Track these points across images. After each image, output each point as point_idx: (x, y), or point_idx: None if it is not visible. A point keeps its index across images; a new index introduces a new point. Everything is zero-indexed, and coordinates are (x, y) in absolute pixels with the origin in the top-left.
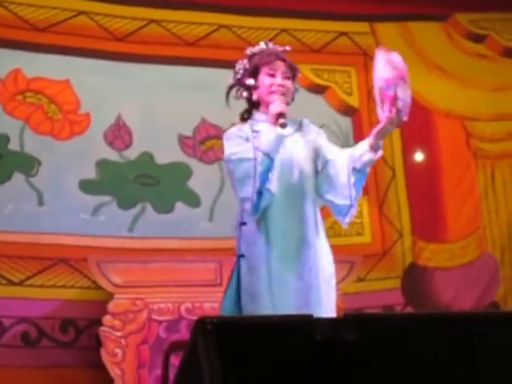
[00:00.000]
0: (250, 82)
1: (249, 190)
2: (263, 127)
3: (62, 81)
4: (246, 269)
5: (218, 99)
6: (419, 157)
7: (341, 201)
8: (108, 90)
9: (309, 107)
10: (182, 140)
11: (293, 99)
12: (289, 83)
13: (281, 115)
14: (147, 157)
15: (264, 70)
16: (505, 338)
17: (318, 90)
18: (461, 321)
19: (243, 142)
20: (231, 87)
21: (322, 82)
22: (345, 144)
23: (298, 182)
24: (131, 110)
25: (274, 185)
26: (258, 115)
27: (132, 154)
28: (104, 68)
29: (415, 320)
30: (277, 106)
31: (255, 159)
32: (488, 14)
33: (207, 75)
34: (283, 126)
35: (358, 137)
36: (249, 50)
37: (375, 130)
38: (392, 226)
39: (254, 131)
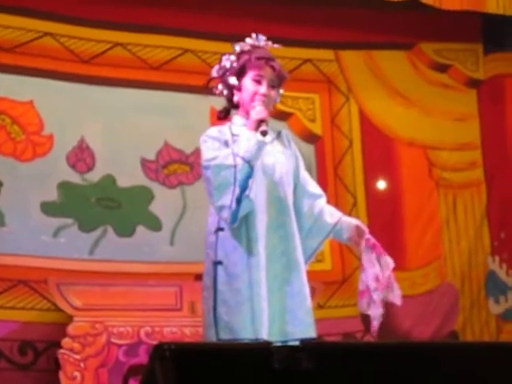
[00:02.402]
0: (234, 82)
1: (227, 199)
2: (242, 131)
3: (25, 102)
4: (225, 277)
5: (181, 123)
6: (381, 184)
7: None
8: (72, 112)
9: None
10: (145, 164)
11: (274, 106)
12: (273, 93)
13: (262, 122)
14: (109, 180)
15: (250, 74)
16: (462, 368)
17: (281, 116)
18: (419, 350)
19: (221, 147)
20: (211, 79)
21: (285, 109)
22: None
23: (281, 193)
24: (94, 132)
25: (254, 191)
26: (237, 118)
27: (94, 176)
28: (68, 90)
29: (373, 349)
30: (259, 112)
31: (235, 166)
32: (452, 44)
33: (171, 99)
34: (264, 133)
35: (321, 165)
36: (238, 46)
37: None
38: (352, 254)
39: (233, 134)
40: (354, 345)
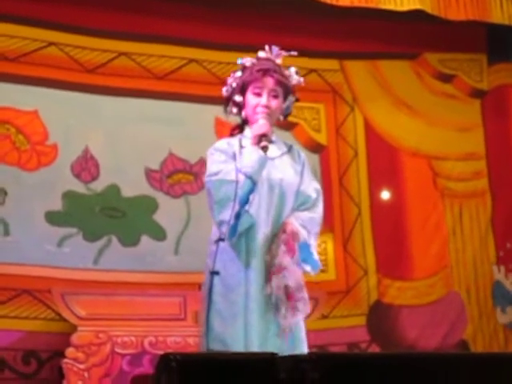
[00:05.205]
0: (239, 99)
1: (227, 214)
2: (247, 145)
3: (30, 111)
4: (221, 288)
5: (186, 133)
6: (385, 195)
7: None
8: (76, 122)
9: None
10: (149, 173)
11: (287, 115)
12: (275, 103)
13: (263, 136)
14: (114, 189)
15: (250, 88)
16: (470, 379)
17: (286, 126)
18: (425, 361)
19: (227, 160)
20: (226, 101)
21: (290, 119)
22: None
23: (284, 209)
24: (99, 142)
25: (255, 206)
26: (248, 131)
27: (99, 186)
28: (73, 99)
29: (379, 360)
30: (260, 126)
31: (237, 182)
32: (456, 54)
33: (176, 109)
34: (265, 148)
35: (326, 175)
36: (241, 61)
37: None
38: (357, 264)
39: (242, 146)
40: (360, 356)
